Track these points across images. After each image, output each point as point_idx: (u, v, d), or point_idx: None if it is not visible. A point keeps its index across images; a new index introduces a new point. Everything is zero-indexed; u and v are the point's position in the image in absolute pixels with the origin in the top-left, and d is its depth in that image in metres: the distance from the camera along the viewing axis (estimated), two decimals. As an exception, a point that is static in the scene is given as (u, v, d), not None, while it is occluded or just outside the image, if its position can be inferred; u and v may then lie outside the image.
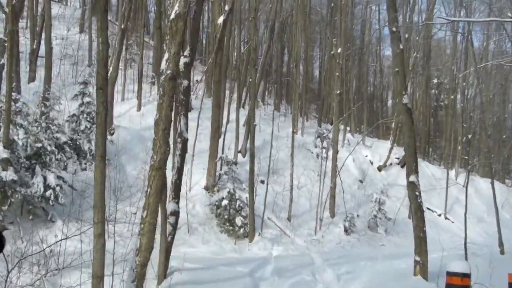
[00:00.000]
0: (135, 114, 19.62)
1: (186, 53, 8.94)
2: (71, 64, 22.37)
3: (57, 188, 12.33)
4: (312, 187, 18.66)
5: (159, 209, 8.42)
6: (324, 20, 32.58)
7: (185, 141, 8.55)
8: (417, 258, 8.58)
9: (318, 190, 16.87)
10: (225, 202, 14.22)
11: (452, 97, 24.17)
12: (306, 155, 20.96)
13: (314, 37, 35.56)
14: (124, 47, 25.63)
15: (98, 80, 5.81)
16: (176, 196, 8.46)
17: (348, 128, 25.58)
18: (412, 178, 8.88)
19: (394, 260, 11.79)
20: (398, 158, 23.52)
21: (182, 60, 8.97)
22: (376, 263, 11.30)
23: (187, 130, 8.63)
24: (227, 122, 18.28)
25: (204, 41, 31.77)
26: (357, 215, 17.75)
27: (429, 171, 24.09)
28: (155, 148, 5.94)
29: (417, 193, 8.77)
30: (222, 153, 16.13)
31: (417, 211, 8.75)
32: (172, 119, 6.57)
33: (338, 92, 17.35)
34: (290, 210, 16.30)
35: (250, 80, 15.34)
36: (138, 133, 17.68)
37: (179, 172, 8.44)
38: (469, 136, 17.48)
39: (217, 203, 14.51)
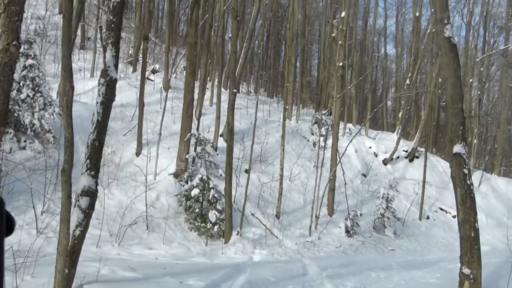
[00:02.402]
0: (103, 91, 16.68)
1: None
2: (39, 42, 19.90)
3: (-30, 167, 9.45)
4: (307, 179, 15.68)
5: (64, 185, 5.42)
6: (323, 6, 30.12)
7: (111, 83, 5.51)
8: (466, 271, 5.52)
9: (314, 183, 13.91)
10: (195, 191, 11.20)
11: (471, 80, 21.13)
12: (300, 142, 17.97)
13: (314, 30, 33.20)
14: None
15: None
16: (94, 167, 5.40)
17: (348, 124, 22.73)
18: (458, 148, 5.81)
19: (414, 271, 8.81)
20: (406, 151, 20.59)
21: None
22: (392, 274, 8.28)
23: (116, 67, 5.60)
24: (201, 99, 15.25)
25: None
26: (361, 214, 14.75)
27: (441, 167, 21.07)
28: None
29: (465, 171, 5.70)
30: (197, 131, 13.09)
31: (466, 199, 5.67)
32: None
33: (341, 64, 14.35)
34: (279, 205, 13.29)
35: (231, 36, 12.29)
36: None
37: (100, 128, 5.39)
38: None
39: (186, 193, 11.48)
